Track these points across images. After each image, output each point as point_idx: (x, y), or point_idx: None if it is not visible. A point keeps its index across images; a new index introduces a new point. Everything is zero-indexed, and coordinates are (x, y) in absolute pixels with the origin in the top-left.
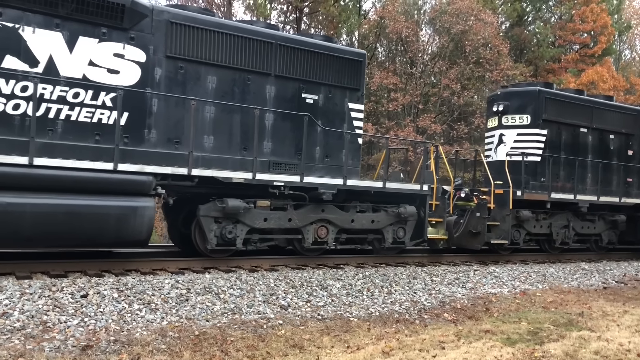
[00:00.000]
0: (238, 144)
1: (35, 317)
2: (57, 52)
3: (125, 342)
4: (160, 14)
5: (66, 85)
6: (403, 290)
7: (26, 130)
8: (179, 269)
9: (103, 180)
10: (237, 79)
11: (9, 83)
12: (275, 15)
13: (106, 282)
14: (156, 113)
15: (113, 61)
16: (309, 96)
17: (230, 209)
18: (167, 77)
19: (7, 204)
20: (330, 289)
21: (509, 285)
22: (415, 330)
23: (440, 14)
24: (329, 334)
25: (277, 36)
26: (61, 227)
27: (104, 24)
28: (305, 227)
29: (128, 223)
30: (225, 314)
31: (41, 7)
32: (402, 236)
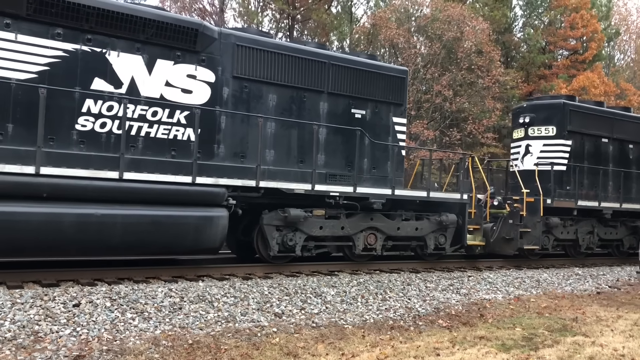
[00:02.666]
0: (295, 157)
1: (26, 327)
2: (138, 74)
3: (118, 351)
4: (228, 37)
5: (146, 104)
6: (397, 296)
7: (112, 147)
8: (172, 277)
9: (183, 192)
10: (294, 96)
11: (97, 103)
12: (267, 23)
13: (99, 291)
14: (224, 129)
15: (186, 82)
16: (358, 111)
17: (291, 218)
18: (234, 95)
19: (102, 215)
20: (324, 296)
21: (503, 291)
22: (410, 337)
23: (432, 21)
24: (323, 342)
25: (329, 56)
26: (147, 236)
27: (179, 47)
28: (356, 234)
29: (204, 231)
30: (219, 322)
31: (125, 32)
32: (443, 243)
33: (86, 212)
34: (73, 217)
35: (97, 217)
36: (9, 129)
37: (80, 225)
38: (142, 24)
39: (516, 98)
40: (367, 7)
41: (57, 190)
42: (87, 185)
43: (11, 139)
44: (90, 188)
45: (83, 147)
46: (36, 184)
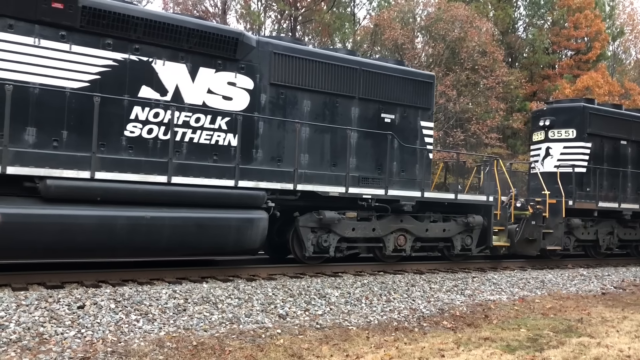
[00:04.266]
0: (328, 161)
1: (31, 329)
2: (182, 81)
3: (122, 353)
4: (265, 45)
5: (190, 111)
6: (402, 298)
7: (158, 152)
8: (176, 279)
9: (226, 195)
10: (327, 102)
11: (144, 110)
12: (269, 24)
13: (103, 292)
14: (262, 134)
15: (227, 89)
16: (387, 116)
17: (326, 219)
18: (271, 102)
19: (151, 217)
20: (328, 297)
21: (507, 292)
22: (415, 339)
23: (435, 21)
24: (327, 343)
25: (360, 62)
26: (192, 238)
27: (220, 55)
28: (386, 236)
29: (246, 233)
30: (223, 323)
31: (169, 42)
32: (469, 244)
33: (137, 214)
34: (125, 219)
35: (146, 220)
36: (63, 136)
37: (131, 228)
38: (186, 33)
39: (520, 98)
40: (370, 8)
41: (110, 194)
42: (137, 189)
43: (65, 145)
44: (140, 192)
45: (132, 152)
46: (91, 188)
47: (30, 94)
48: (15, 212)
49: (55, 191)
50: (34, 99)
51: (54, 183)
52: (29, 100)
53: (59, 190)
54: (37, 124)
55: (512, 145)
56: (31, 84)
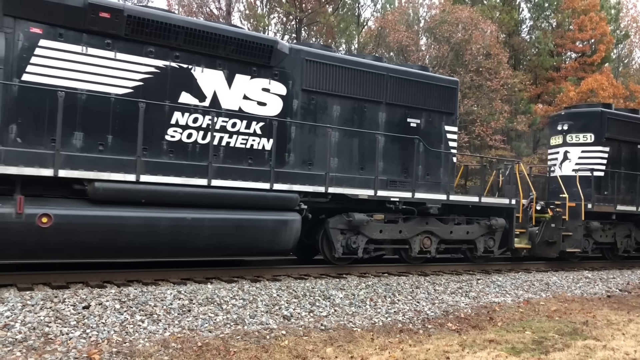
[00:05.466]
0: (357, 164)
1: (37, 329)
2: (219, 88)
3: (127, 353)
4: (297, 52)
5: (226, 116)
6: (406, 299)
7: (197, 156)
8: (181, 279)
9: (261, 198)
10: (356, 107)
11: (184, 115)
12: (274, 25)
13: (108, 293)
14: (294, 139)
15: (261, 95)
16: (413, 120)
17: (355, 222)
18: (302, 107)
19: (192, 218)
20: (333, 299)
21: (512, 294)
22: (419, 340)
23: (439, 23)
24: (332, 345)
25: (387, 68)
26: (230, 238)
27: (255, 62)
28: (412, 237)
29: (280, 234)
30: (228, 324)
31: (208, 49)
32: (492, 246)
33: (179, 216)
34: (167, 220)
35: (188, 221)
36: (108, 140)
37: (173, 228)
38: (224, 41)
39: (524, 101)
40: (375, 10)
41: (153, 196)
42: (179, 191)
43: (110, 149)
44: (181, 194)
45: (172, 156)
46: (136, 191)
47: (78, 99)
48: (65, 213)
49: (103, 193)
50: (82, 105)
51: (102, 185)
52: (77, 106)
53: (106, 193)
54: (84, 129)
55: (516, 148)
56: (79, 90)
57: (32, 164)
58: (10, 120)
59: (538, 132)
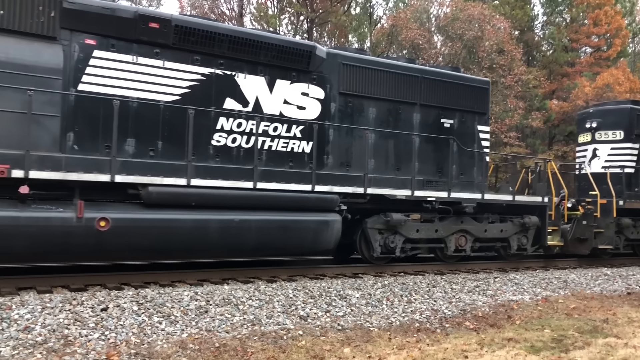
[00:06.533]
0: (393, 165)
1: (56, 331)
2: (261, 93)
3: (146, 355)
4: (334, 56)
5: (268, 120)
6: (423, 299)
7: (241, 160)
8: (198, 281)
9: (304, 199)
10: (391, 109)
11: (229, 121)
12: (284, 26)
13: (125, 295)
14: (332, 141)
15: (301, 99)
16: (447, 121)
17: (393, 221)
18: (340, 110)
19: (239, 220)
20: (349, 298)
21: (530, 292)
22: (437, 340)
23: (452, 20)
24: (349, 345)
25: (421, 70)
26: (275, 239)
27: (295, 68)
28: (448, 236)
29: (322, 234)
30: (244, 325)
31: (250, 56)
32: (525, 243)
33: (227, 218)
34: (216, 222)
35: (235, 223)
36: (158, 146)
37: (222, 230)
38: (265, 47)
39: (539, 97)
40: (387, 8)
41: (203, 199)
42: (226, 194)
43: (160, 154)
44: (229, 196)
45: (218, 160)
46: (187, 194)
47: (130, 107)
48: (122, 217)
49: (157, 197)
50: (133, 112)
51: (155, 190)
52: (129, 113)
53: (159, 196)
54: (135, 135)
55: (531, 145)
56: (130, 98)
57: (89, 170)
58: (67, 128)
59: (553, 129)
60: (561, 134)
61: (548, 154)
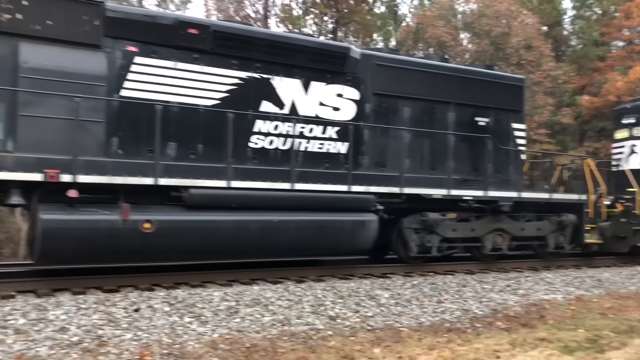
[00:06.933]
0: (428, 164)
1: (91, 332)
2: (297, 95)
3: (178, 355)
4: (368, 57)
5: (304, 122)
6: (453, 298)
7: (278, 161)
8: (227, 281)
9: (341, 199)
10: (425, 108)
11: (266, 123)
12: (309, 27)
13: (157, 295)
14: (367, 141)
15: (336, 100)
16: (481, 119)
17: (430, 221)
18: (374, 110)
19: (278, 221)
20: (378, 298)
21: (562, 291)
22: (468, 340)
23: (478, 17)
24: (379, 345)
25: (454, 68)
26: (313, 239)
27: (329, 70)
28: (484, 235)
29: (359, 234)
30: (274, 325)
31: (286, 59)
32: (562, 242)
33: (266, 219)
34: (256, 223)
35: (274, 223)
36: (199, 149)
37: (262, 231)
38: (300, 50)
39: (569, 92)
40: (411, 6)
41: (243, 200)
42: (265, 196)
43: (200, 157)
44: (268, 198)
45: (256, 162)
46: (228, 196)
47: (171, 112)
48: (165, 218)
49: (199, 199)
50: (174, 117)
51: (197, 192)
52: (170, 118)
53: (201, 198)
54: (177, 139)
55: (561, 141)
56: (171, 103)
57: (133, 174)
58: (112, 133)
59: (584, 125)
60: (592, 130)
61: (579, 150)
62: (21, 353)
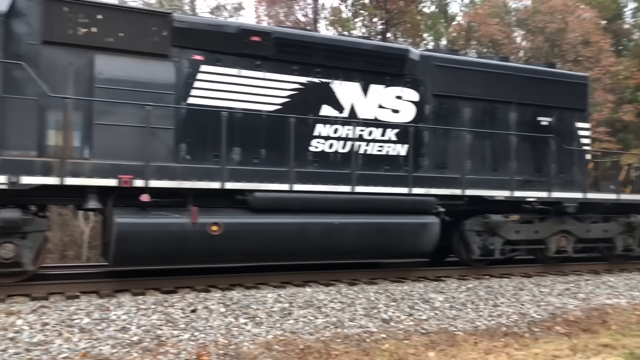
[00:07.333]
0: (489, 166)
1: (150, 332)
2: (356, 99)
3: (234, 355)
4: (427, 58)
5: (364, 125)
6: (509, 302)
7: (338, 164)
8: (281, 283)
9: (401, 202)
10: (486, 109)
11: (326, 127)
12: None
13: (213, 297)
14: (427, 143)
15: (395, 102)
16: (544, 119)
17: (493, 223)
18: (434, 112)
19: (339, 223)
20: (432, 302)
21: (626, 296)
22: (526, 344)
23: (533, 13)
24: (434, 348)
25: (515, 67)
26: (374, 242)
27: (388, 72)
28: (548, 237)
29: (420, 237)
30: (327, 327)
31: (345, 63)
32: (631, 244)
33: (327, 221)
34: (318, 226)
35: (335, 226)
36: (262, 153)
37: (323, 233)
38: (359, 54)
39: (630, 89)
40: (462, 4)
41: (305, 203)
42: (327, 198)
43: (263, 162)
44: (329, 200)
45: (317, 165)
46: (291, 199)
47: (235, 118)
48: (232, 221)
49: (263, 202)
50: (238, 122)
51: (261, 195)
52: (234, 123)
53: (265, 202)
54: (241, 144)
55: (622, 139)
56: (235, 109)
57: (200, 178)
58: (180, 139)
59: None
60: None
61: None
62: (86, 351)
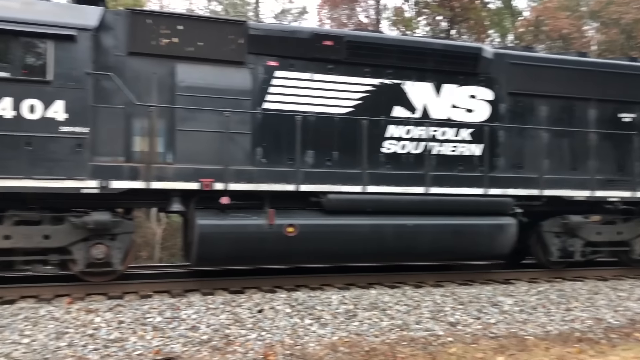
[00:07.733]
0: (567, 165)
1: (219, 331)
2: (428, 99)
3: (300, 356)
4: (501, 56)
5: (437, 125)
6: (583, 306)
7: (411, 165)
8: (345, 284)
9: (476, 203)
10: (564, 106)
11: (398, 128)
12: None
13: (279, 297)
14: (503, 143)
15: (468, 102)
16: (626, 115)
17: (572, 224)
18: (509, 110)
19: (413, 225)
20: (501, 305)
21: None
22: (602, 351)
23: (606, 5)
24: (503, 353)
25: (593, 63)
26: (449, 244)
27: (461, 71)
28: (633, 239)
29: (496, 239)
30: (392, 330)
31: (416, 64)
32: None
33: (400, 223)
34: (391, 227)
35: (409, 227)
36: (334, 156)
37: (396, 234)
38: (431, 54)
39: None
40: None
41: (378, 204)
42: (400, 200)
43: (336, 164)
44: (402, 202)
45: (389, 166)
46: (364, 200)
47: (308, 121)
48: (307, 223)
49: (336, 204)
50: (311, 126)
51: (335, 197)
52: (308, 127)
53: (339, 203)
54: (314, 147)
55: None
56: (309, 113)
57: (276, 181)
58: (256, 143)
59: None
60: None
61: None
62: (158, 349)
